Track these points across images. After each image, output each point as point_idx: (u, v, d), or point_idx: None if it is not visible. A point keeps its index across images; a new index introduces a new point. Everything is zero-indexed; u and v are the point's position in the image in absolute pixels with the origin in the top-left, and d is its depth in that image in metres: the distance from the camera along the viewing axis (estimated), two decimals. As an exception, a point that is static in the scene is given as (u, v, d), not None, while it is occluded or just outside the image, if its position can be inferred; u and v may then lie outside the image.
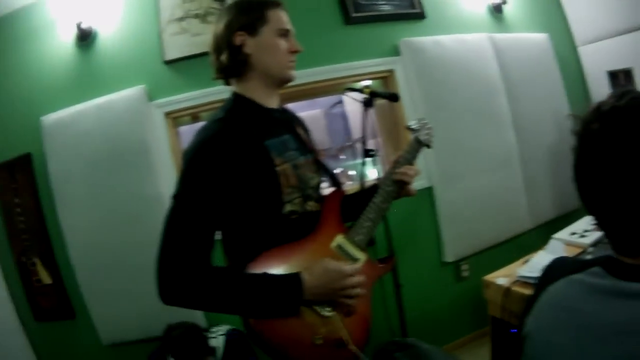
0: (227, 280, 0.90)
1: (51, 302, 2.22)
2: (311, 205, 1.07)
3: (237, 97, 1.05)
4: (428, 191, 2.47)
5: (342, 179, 2.78)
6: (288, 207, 1.01)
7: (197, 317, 2.08)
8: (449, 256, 2.52)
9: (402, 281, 1.82)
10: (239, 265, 0.98)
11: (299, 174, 1.03)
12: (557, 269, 0.69)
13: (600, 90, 2.93)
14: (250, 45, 1.02)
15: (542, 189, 2.72)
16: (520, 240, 2.65)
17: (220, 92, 2.18)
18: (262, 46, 1.02)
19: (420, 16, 2.56)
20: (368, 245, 1.11)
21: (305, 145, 1.11)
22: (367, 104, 1.35)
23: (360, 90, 1.38)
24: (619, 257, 0.60)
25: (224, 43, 1.02)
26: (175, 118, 2.24)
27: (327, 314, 0.96)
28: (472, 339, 2.66)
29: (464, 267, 2.61)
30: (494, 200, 2.55)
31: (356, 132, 2.08)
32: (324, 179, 1.17)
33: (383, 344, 0.68)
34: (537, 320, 0.66)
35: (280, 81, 1.07)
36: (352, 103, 1.48)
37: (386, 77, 2.48)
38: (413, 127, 1.25)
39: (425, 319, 2.46)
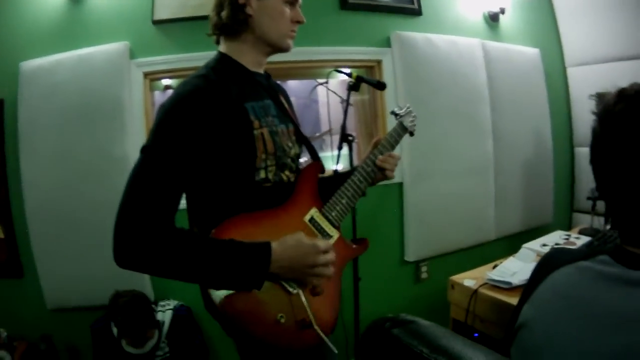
0: (190, 244, 0.83)
1: (0, 258, 2.12)
2: (287, 175, 1.03)
3: (222, 57, 1.02)
4: (398, 187, 2.45)
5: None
6: (262, 174, 0.97)
7: (146, 289, 2.03)
8: (410, 255, 2.51)
9: (361, 275, 1.80)
10: (204, 231, 0.93)
11: (276, 141, 0.99)
12: (559, 257, 0.67)
13: (583, 113, 2.96)
14: (254, 6, 0.99)
15: (511, 201, 2.73)
16: (482, 250, 2.66)
17: (205, 58, 2.13)
18: (266, 10, 0.99)
19: (416, 12, 2.54)
20: None
21: (286, 114, 1.07)
22: (353, 89, 1.34)
23: (348, 74, 1.36)
24: (627, 247, 0.60)
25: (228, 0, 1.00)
26: (153, 80, 2.17)
27: (292, 290, 0.91)
28: None
29: (424, 268, 2.61)
30: (462, 206, 2.55)
31: (327, 124, 2.04)
32: (303, 151, 1.13)
33: (376, 321, 0.64)
34: (538, 309, 0.64)
35: (276, 48, 1.04)
36: (325, 95, 1.45)
37: (373, 67, 2.45)
38: (398, 112, 1.23)
39: (380, 316, 2.45)
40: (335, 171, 1.29)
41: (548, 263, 0.68)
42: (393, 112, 1.25)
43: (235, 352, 1.08)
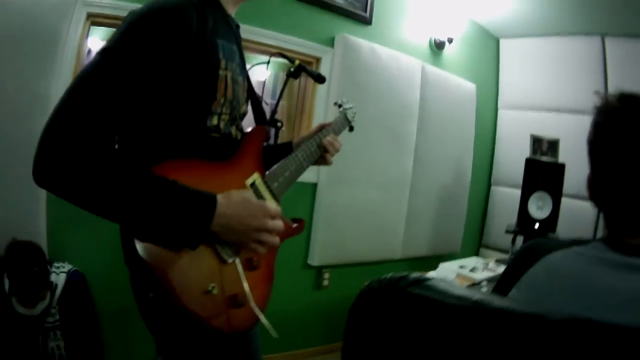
0: (128, 171, 0.69)
1: None
2: (234, 132, 0.93)
3: None
4: (312, 187, 2.41)
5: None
6: (214, 120, 0.86)
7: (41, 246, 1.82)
8: (315, 259, 2.46)
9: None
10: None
11: (235, 89, 0.89)
12: (547, 244, 0.67)
13: (505, 154, 3.11)
14: None
15: (422, 223, 2.78)
16: (386, 267, 2.67)
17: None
18: None
19: (366, 21, 2.56)
20: None
21: (244, 69, 0.98)
22: (292, 75, 1.30)
23: (290, 60, 1.33)
24: (624, 239, 0.61)
25: None
26: (94, 24, 2.01)
27: (228, 258, 0.80)
28: (319, 352, 2.61)
29: (326, 275, 2.56)
30: (373, 218, 2.55)
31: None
32: (248, 112, 1.03)
33: (385, 281, 0.56)
34: (530, 292, 0.63)
35: None
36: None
37: (311, 63, 2.42)
38: (342, 104, 1.27)
39: (277, 318, 2.36)
40: (269, 145, 1.24)
41: (535, 249, 0.67)
42: (337, 104, 1.27)
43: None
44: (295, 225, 1.07)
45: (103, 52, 0.72)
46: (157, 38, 0.75)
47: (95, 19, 2.00)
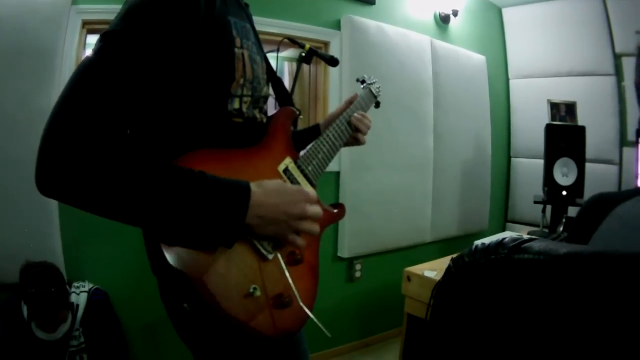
0: (146, 165, 0.61)
1: None
2: (259, 115, 0.84)
3: None
4: (334, 175, 2.31)
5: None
6: (235, 104, 0.78)
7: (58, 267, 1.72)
8: (345, 251, 2.36)
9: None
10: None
11: (255, 69, 0.81)
12: (612, 196, 0.64)
13: (521, 124, 3.04)
14: None
15: (448, 203, 2.70)
16: (417, 252, 2.59)
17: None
18: None
19: (370, 1, 2.48)
20: None
21: (261, 48, 0.89)
22: (304, 60, 1.23)
23: (300, 45, 1.25)
24: None
25: None
26: (90, 31, 1.93)
27: (268, 254, 0.72)
28: (356, 347, 2.51)
29: (358, 266, 2.47)
30: (400, 202, 2.46)
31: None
32: (271, 95, 0.95)
33: (478, 252, 0.52)
34: (608, 242, 0.60)
35: None
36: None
37: (319, 49, 2.33)
38: (364, 79, 1.19)
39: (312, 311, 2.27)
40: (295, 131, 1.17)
41: (602, 203, 0.64)
42: (359, 80, 1.19)
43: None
44: (335, 210, 0.99)
45: (104, 37, 0.64)
46: (163, 17, 0.67)
47: (91, 27, 1.91)
